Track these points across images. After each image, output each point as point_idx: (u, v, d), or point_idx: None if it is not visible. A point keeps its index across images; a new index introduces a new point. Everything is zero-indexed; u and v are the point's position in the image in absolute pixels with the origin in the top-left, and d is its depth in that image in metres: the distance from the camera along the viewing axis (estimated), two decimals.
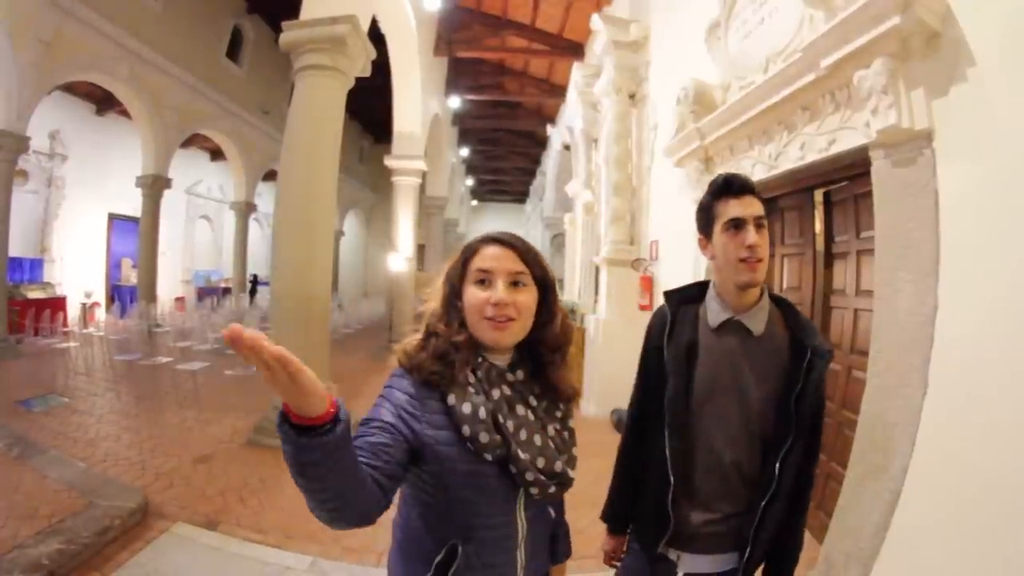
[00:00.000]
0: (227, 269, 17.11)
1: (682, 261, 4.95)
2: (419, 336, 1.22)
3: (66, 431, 4.91)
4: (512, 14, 11.88)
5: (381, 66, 6.96)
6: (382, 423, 1.08)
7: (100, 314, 12.13)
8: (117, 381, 6.98)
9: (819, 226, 3.56)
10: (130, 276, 13.66)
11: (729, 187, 1.40)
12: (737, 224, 1.36)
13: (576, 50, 11.21)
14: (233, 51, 13.80)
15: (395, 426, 1.08)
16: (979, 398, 1.87)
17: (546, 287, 1.22)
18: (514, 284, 1.15)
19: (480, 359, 1.18)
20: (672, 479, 1.40)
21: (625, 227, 6.59)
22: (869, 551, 2.23)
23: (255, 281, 17.36)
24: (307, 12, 5.23)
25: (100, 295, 13.16)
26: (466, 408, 1.10)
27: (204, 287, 16.60)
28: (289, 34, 5.11)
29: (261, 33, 14.42)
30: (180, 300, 15.13)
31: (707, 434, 1.41)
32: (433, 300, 1.24)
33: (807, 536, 3.42)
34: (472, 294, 1.15)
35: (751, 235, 1.34)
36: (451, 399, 1.11)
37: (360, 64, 5.45)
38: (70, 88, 11.27)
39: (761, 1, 3.63)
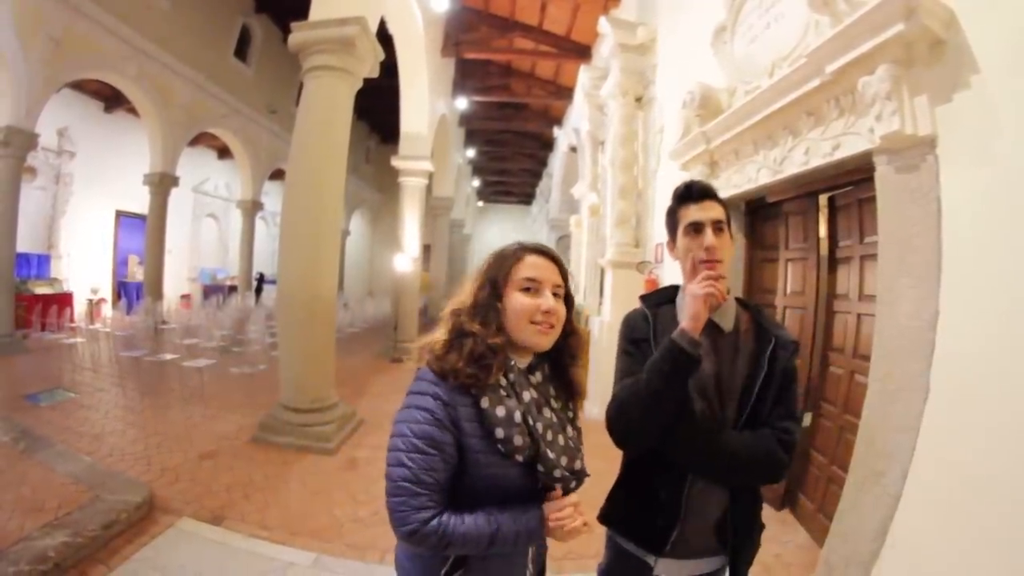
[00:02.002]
0: (233, 267, 17.16)
1: None
2: (444, 335, 1.23)
3: (72, 426, 4.94)
4: (519, 16, 11.89)
5: (388, 67, 6.98)
6: (441, 451, 1.12)
7: (106, 310, 12.20)
8: (123, 377, 7.02)
9: (823, 231, 3.57)
10: (136, 273, 13.70)
11: (690, 192, 1.51)
12: (696, 227, 1.45)
13: (583, 52, 11.21)
14: (241, 50, 13.86)
15: (448, 444, 1.12)
16: (980, 404, 1.88)
17: (571, 300, 1.31)
18: (553, 294, 1.23)
19: (512, 362, 1.22)
20: (688, 475, 1.43)
21: (630, 230, 6.59)
22: (868, 555, 2.24)
23: (261, 279, 17.40)
24: (316, 13, 5.26)
25: (107, 291, 13.24)
26: (500, 411, 1.14)
27: (210, 285, 16.66)
28: (298, 35, 5.14)
29: (269, 33, 14.49)
30: (186, 298, 15.21)
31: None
32: (466, 298, 1.26)
33: (807, 538, 3.45)
34: (519, 299, 1.21)
35: (709, 237, 1.43)
36: (484, 403, 1.14)
37: (368, 65, 5.48)
38: (79, 86, 11.35)
39: (767, 6, 3.64)
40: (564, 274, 1.28)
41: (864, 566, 2.25)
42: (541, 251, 1.28)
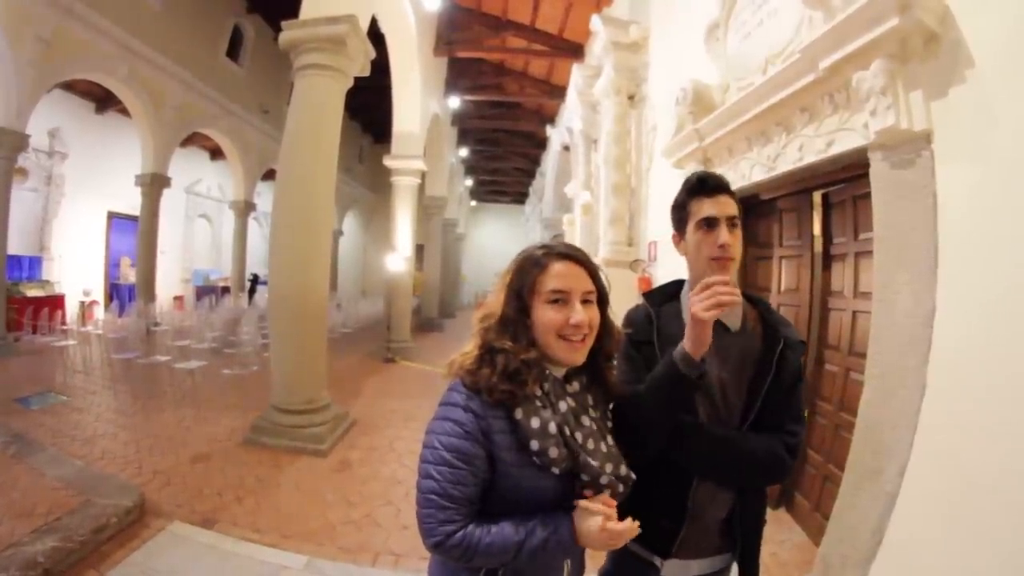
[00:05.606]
0: (226, 268, 17.05)
1: (680, 262, 4.92)
2: (474, 351, 1.19)
3: (64, 429, 4.90)
4: (512, 14, 11.88)
5: (381, 66, 6.95)
6: (471, 465, 1.09)
7: (99, 312, 12.08)
8: (115, 379, 6.97)
9: (817, 228, 3.56)
10: (129, 275, 13.61)
11: (703, 186, 1.40)
12: (710, 223, 1.36)
13: (576, 51, 11.19)
14: (233, 50, 13.77)
15: (479, 458, 1.10)
16: (977, 400, 1.87)
17: (605, 302, 1.24)
18: (584, 301, 1.17)
19: (548, 371, 1.18)
20: (694, 477, 1.40)
21: (624, 228, 6.59)
22: (866, 553, 2.23)
23: (255, 280, 17.27)
24: (306, 11, 5.23)
25: (99, 293, 13.13)
26: (535, 423, 1.10)
27: (203, 286, 16.56)
28: (288, 33, 5.12)
29: (261, 32, 14.39)
30: (179, 299, 15.11)
31: None
32: (494, 310, 1.21)
33: (805, 538, 3.43)
34: (546, 313, 1.15)
35: (723, 234, 1.34)
36: (518, 414, 1.11)
37: (359, 64, 5.45)
38: (70, 86, 11.25)
39: (760, 2, 3.63)
40: (594, 276, 1.21)
41: (862, 564, 2.23)
42: (567, 255, 1.19)
